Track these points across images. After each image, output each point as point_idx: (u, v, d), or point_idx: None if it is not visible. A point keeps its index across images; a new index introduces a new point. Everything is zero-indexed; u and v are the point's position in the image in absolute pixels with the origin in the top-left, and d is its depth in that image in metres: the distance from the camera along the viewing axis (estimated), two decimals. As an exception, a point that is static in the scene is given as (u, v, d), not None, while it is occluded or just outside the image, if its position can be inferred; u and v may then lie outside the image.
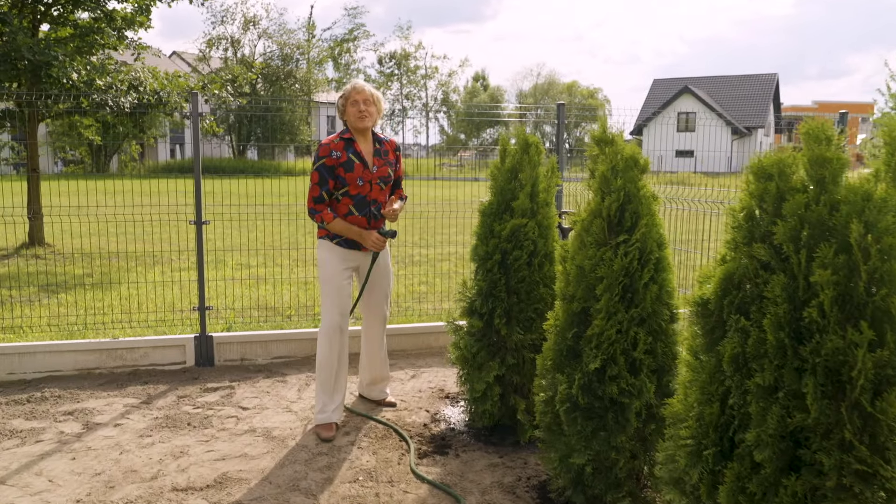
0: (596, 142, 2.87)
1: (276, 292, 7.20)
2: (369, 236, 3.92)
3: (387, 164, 4.03)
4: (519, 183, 3.88)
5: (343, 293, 4.00)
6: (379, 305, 4.23)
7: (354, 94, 3.92)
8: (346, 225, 3.90)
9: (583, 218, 2.86)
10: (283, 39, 44.55)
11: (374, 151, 4.01)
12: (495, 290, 3.83)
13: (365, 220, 3.96)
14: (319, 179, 3.87)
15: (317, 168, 3.87)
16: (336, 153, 3.88)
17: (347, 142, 3.93)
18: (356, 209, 3.93)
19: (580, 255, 2.83)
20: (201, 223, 4.97)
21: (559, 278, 3.02)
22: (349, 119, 3.94)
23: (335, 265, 3.99)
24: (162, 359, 5.02)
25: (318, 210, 3.88)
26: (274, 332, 5.26)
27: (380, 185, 3.98)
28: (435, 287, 7.64)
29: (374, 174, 3.95)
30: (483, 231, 3.92)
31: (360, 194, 3.92)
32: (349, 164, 3.87)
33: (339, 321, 3.97)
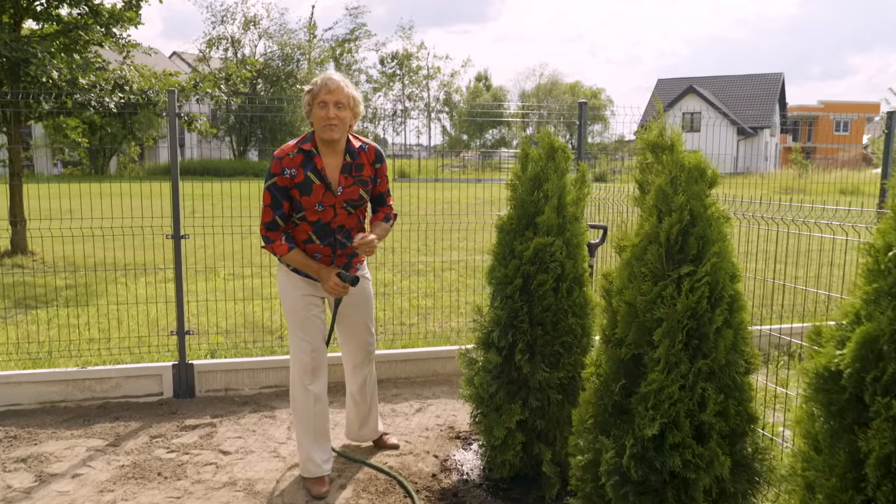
0: (650, 148, 2.30)
1: (269, 307, 6.64)
2: (328, 279, 3.22)
3: (358, 184, 3.26)
4: (543, 194, 3.32)
5: (311, 326, 3.32)
6: (358, 336, 3.56)
7: (324, 92, 3.09)
8: (303, 259, 3.22)
9: (633, 242, 2.29)
10: (284, 39, 43.99)
11: (344, 166, 3.23)
12: (516, 320, 3.26)
13: (329, 249, 3.28)
14: (271, 202, 3.14)
15: (267, 187, 3.13)
16: (290, 171, 3.12)
17: (307, 156, 3.16)
18: (317, 237, 3.24)
19: (631, 290, 2.26)
20: (179, 237, 4.40)
21: (602, 315, 2.46)
22: (315, 125, 3.15)
23: (296, 295, 3.32)
24: (136, 390, 4.46)
25: (271, 239, 3.17)
26: (262, 359, 4.69)
27: (347, 210, 3.25)
28: (440, 301, 7.08)
29: (340, 197, 3.21)
30: (501, 250, 3.36)
31: (321, 221, 3.21)
32: (305, 186, 3.14)
33: (309, 362, 3.32)
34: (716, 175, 2.19)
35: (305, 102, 3.17)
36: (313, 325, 3.32)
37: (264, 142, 39.71)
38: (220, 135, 40.07)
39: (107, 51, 10.65)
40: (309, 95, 3.15)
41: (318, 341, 3.34)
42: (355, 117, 3.22)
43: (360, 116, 3.26)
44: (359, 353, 3.61)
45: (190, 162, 19.70)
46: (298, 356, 3.33)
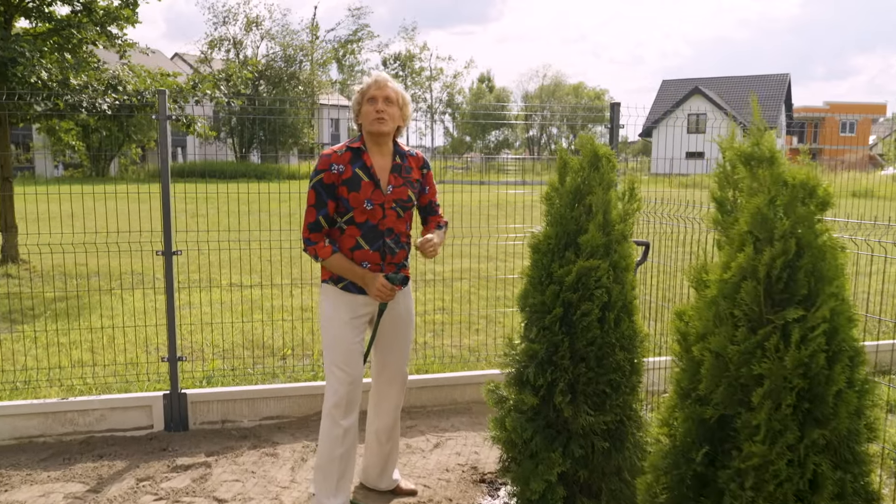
0: (743, 160, 1.86)
1: (271, 322, 6.20)
2: (374, 281, 2.94)
3: (407, 185, 3.06)
4: (586, 209, 2.88)
5: (354, 356, 3.03)
6: (397, 364, 3.23)
7: (374, 88, 2.99)
8: (346, 263, 2.95)
9: (721, 277, 1.85)
10: (287, 41, 43.67)
11: (393, 167, 3.05)
12: (556, 355, 2.82)
13: (378, 255, 2.99)
14: (316, 200, 2.95)
15: (313, 185, 2.95)
16: (338, 167, 2.95)
17: (355, 153, 3.00)
18: (366, 241, 2.98)
19: (719, 336, 1.81)
20: (171, 254, 3.97)
21: (677, 365, 2.01)
22: (364, 121, 3.01)
23: (342, 319, 3.01)
24: (123, 423, 4.02)
25: (313, 241, 2.95)
26: (262, 387, 4.25)
27: (396, 211, 3.02)
28: (454, 315, 6.64)
29: (389, 196, 3.00)
30: (537, 274, 2.91)
31: (370, 222, 2.97)
32: (354, 182, 2.95)
33: (345, 395, 3.00)
34: (829, 195, 1.75)
35: (355, 102, 3.07)
36: (356, 355, 3.05)
37: (267, 144, 39.35)
38: (222, 137, 39.76)
39: (105, 52, 10.25)
40: (358, 95, 3.05)
41: (359, 372, 3.05)
42: (404, 119, 3.09)
43: (409, 120, 3.14)
44: (394, 386, 3.26)
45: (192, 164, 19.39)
46: (335, 387, 3.01)
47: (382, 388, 3.24)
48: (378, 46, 66.14)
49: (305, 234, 2.96)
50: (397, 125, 3.04)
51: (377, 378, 3.25)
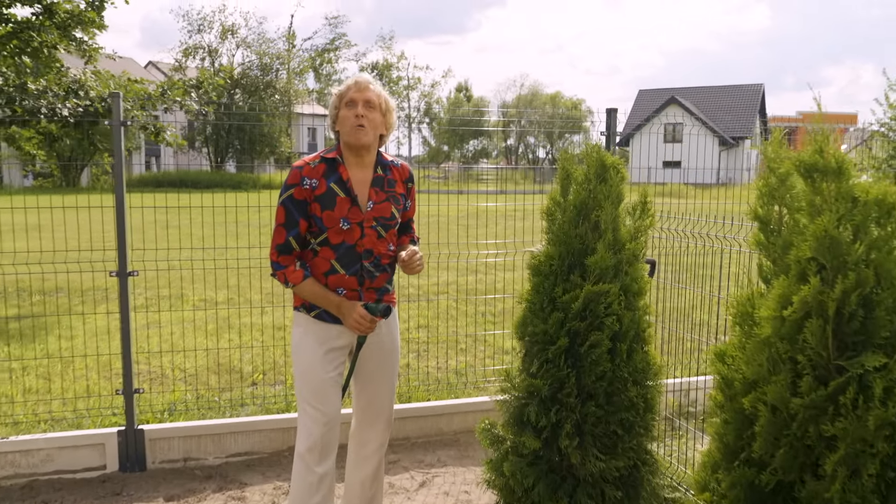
0: (803, 170, 1.54)
1: (241, 343, 5.80)
2: (351, 311, 2.57)
3: (390, 200, 2.69)
4: (593, 226, 2.56)
5: (329, 392, 2.65)
6: (382, 402, 2.83)
7: (353, 91, 2.61)
8: (320, 290, 2.59)
9: (778, 313, 1.52)
10: (263, 49, 43.13)
11: (374, 180, 2.67)
12: (561, 392, 2.48)
13: (355, 280, 2.62)
14: (285, 219, 2.58)
15: (282, 202, 2.58)
16: (310, 181, 2.57)
17: (330, 164, 2.62)
18: (341, 265, 2.61)
19: (777, 386, 1.49)
20: (126, 275, 3.57)
21: (717, 415, 1.68)
22: (341, 128, 2.62)
23: (315, 351, 2.64)
24: (72, 463, 3.60)
25: (282, 264, 2.59)
26: (230, 420, 3.85)
27: (377, 231, 2.64)
28: (437, 333, 6.28)
29: (369, 213, 2.62)
30: (538, 299, 2.58)
31: (346, 243, 2.60)
32: (328, 199, 2.57)
33: (320, 438, 2.63)
34: (911, 213, 1.43)
35: (332, 107, 2.69)
36: (331, 391, 2.66)
37: (242, 153, 38.72)
38: (197, 146, 39.06)
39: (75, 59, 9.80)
40: (336, 97, 2.67)
41: (335, 409, 2.67)
42: (388, 128, 2.71)
43: (393, 129, 2.75)
44: (378, 425, 2.85)
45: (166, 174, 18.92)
46: (308, 428, 2.64)
47: (364, 428, 2.87)
48: (355, 55, 65.59)
49: (273, 257, 2.59)
50: (380, 133, 2.67)
51: (359, 417, 2.87)
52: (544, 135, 66.50)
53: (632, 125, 47.17)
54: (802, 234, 1.52)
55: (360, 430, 2.87)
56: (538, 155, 69.06)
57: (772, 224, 1.71)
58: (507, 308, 7.11)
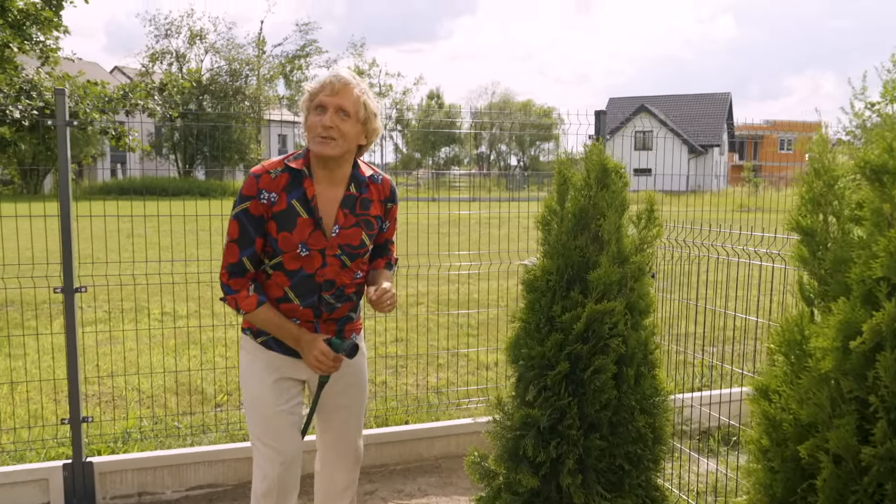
0: (870, 173, 1.29)
1: (205, 359, 5.44)
2: (311, 347, 2.22)
3: (360, 225, 2.29)
4: (594, 237, 2.30)
5: (283, 427, 2.32)
6: (347, 442, 2.52)
7: (325, 93, 2.15)
8: (275, 319, 2.23)
9: (835, 343, 1.27)
10: (232, 55, 42.51)
11: (344, 199, 2.27)
12: (562, 423, 2.21)
13: (311, 312, 2.28)
14: (239, 234, 2.18)
15: (235, 215, 2.19)
16: (268, 195, 2.17)
17: (295, 176, 2.21)
18: (296, 295, 2.26)
19: (842, 432, 1.23)
20: (72, 292, 3.22)
21: (759, 461, 1.43)
22: (308, 136, 2.20)
23: (263, 381, 2.31)
24: (11, 501, 3.23)
25: (233, 288, 2.21)
26: (190, 450, 3.52)
27: (341, 260, 2.27)
28: (413, 346, 5.99)
29: (333, 240, 2.24)
30: (534, 318, 2.31)
31: (304, 271, 2.23)
32: (287, 218, 2.18)
33: (276, 480, 2.30)
34: None
35: (302, 107, 2.23)
36: (285, 426, 2.32)
37: (211, 160, 38.03)
38: (164, 152, 38.26)
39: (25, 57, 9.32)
40: (307, 96, 2.21)
41: (293, 449, 2.33)
42: (369, 136, 2.26)
43: (377, 136, 2.29)
44: (343, 464, 2.54)
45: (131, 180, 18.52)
46: (263, 470, 2.32)
47: (331, 467, 2.55)
48: (326, 62, 65.19)
49: (224, 279, 2.21)
50: (357, 145, 2.25)
51: (324, 454, 2.56)
52: (516, 142, 66.71)
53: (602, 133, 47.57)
54: (865, 248, 1.27)
55: (326, 468, 2.57)
56: (510, 162, 69.25)
57: (818, 236, 1.47)
58: (485, 320, 6.85)
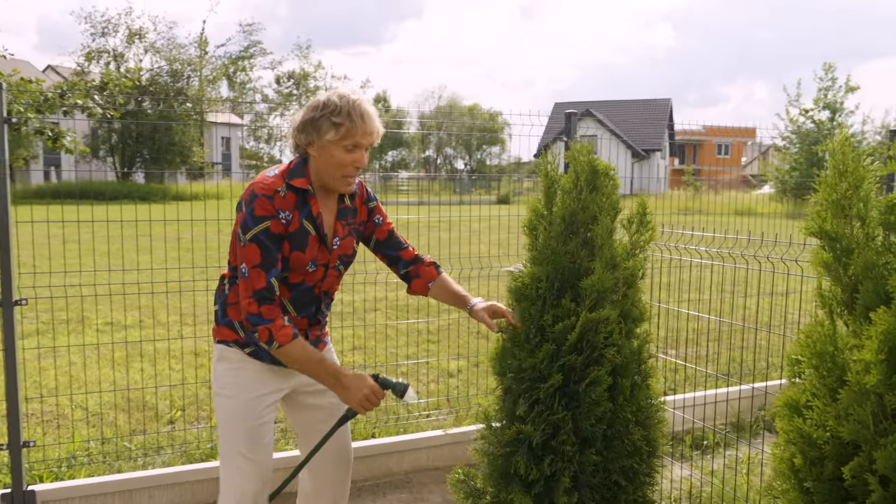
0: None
1: (155, 372, 5.14)
2: (361, 385, 2.08)
3: (353, 233, 2.27)
4: (585, 242, 2.20)
5: (262, 441, 2.21)
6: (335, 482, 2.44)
7: (360, 134, 2.04)
8: (313, 354, 2.07)
9: (879, 356, 1.18)
10: (173, 55, 41.28)
11: (340, 211, 2.23)
12: (556, 439, 2.10)
13: (306, 322, 2.24)
14: (262, 258, 2.02)
15: (254, 238, 2.01)
16: (285, 214, 2.06)
17: (301, 197, 2.11)
18: (294, 306, 2.20)
19: (890, 451, 1.15)
20: (12, 304, 2.95)
21: (787, 482, 1.33)
22: (326, 167, 2.09)
23: (252, 390, 2.19)
24: (-58, 537, 2.94)
25: (266, 317, 2.01)
26: (143, 473, 3.26)
27: (339, 269, 2.26)
28: (373, 354, 5.81)
29: (335, 252, 2.20)
30: (524, 328, 2.19)
31: (306, 283, 2.18)
32: (300, 238, 2.10)
33: (254, 497, 2.21)
34: None
35: (317, 126, 2.03)
36: (270, 442, 2.23)
37: (152, 163, 36.79)
38: (101, 155, 36.87)
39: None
40: (328, 119, 2.02)
41: (265, 474, 2.23)
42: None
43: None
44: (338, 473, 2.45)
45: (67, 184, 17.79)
46: (240, 488, 2.20)
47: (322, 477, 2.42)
48: (271, 63, 64.09)
49: (253, 308, 2.00)
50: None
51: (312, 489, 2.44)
52: (463, 146, 66.98)
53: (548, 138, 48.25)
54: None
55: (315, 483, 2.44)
56: (457, 166, 69.50)
57: (843, 241, 1.39)
58: (444, 326, 6.73)
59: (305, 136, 2.07)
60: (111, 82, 8.74)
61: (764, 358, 5.65)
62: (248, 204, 2.03)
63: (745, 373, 5.12)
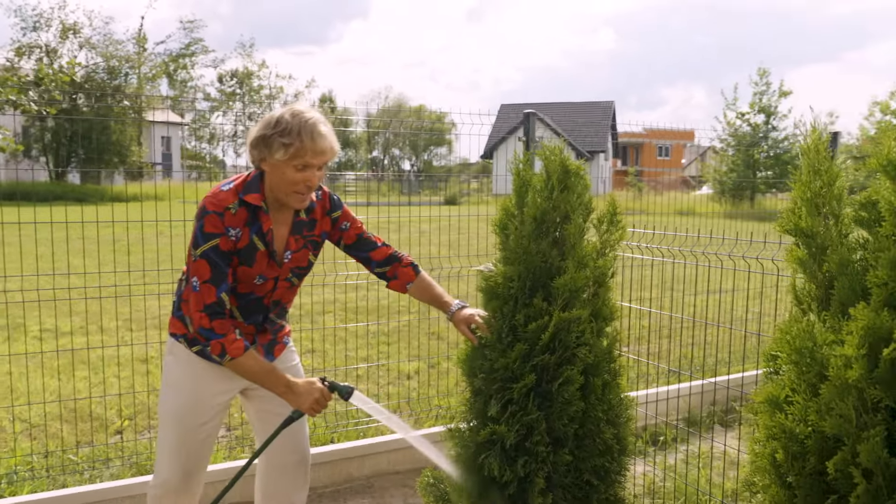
0: (893, 171, 1.24)
1: (100, 379, 4.94)
2: (311, 391, 2.11)
3: (308, 246, 2.30)
4: (555, 241, 2.19)
5: (192, 447, 2.25)
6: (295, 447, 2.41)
7: (311, 154, 2.04)
8: (263, 365, 2.11)
9: (864, 351, 1.20)
10: (110, 51, 39.90)
11: (295, 225, 2.25)
12: (530, 439, 2.09)
13: (253, 328, 2.29)
14: (212, 274, 2.05)
15: (204, 255, 2.05)
16: (234, 231, 2.09)
17: (253, 213, 2.13)
18: (242, 314, 2.24)
19: (872, 444, 1.17)
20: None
21: (769, 479, 1.35)
22: (279, 184, 2.10)
23: (191, 395, 2.23)
24: None
25: (218, 332, 2.04)
26: (90, 488, 3.11)
27: (290, 281, 2.31)
28: (328, 358, 5.72)
29: (286, 265, 2.24)
30: (496, 327, 2.18)
31: (255, 294, 2.23)
32: (249, 253, 2.14)
33: (177, 482, 2.27)
34: None
35: (271, 146, 2.05)
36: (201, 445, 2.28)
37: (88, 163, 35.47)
38: (34, 154, 35.33)
39: None
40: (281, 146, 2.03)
41: (196, 467, 2.27)
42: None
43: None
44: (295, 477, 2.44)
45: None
46: (163, 476, 2.29)
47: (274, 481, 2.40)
48: (213, 62, 62.67)
49: (204, 323, 2.03)
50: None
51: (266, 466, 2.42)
52: (409, 146, 66.94)
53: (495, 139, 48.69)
54: (886, 249, 1.22)
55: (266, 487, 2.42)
56: (403, 167, 69.41)
57: (818, 238, 1.42)
58: (399, 328, 6.69)
59: (258, 152, 2.10)
60: (47, 78, 8.36)
61: (712, 354, 5.80)
62: (198, 219, 2.07)
63: (695, 368, 5.24)
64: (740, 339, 5.73)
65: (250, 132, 2.13)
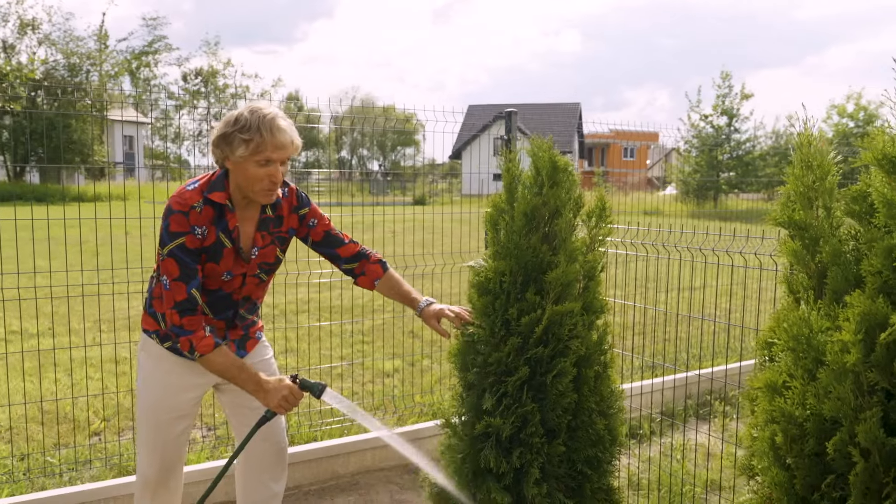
0: (887, 164, 1.30)
1: (72, 381, 4.84)
2: (280, 389, 2.13)
3: (275, 242, 2.32)
4: (546, 236, 2.23)
5: (168, 442, 2.34)
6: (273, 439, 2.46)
7: (271, 148, 2.07)
8: (234, 361, 2.15)
9: (862, 336, 1.26)
10: (70, 48, 39.00)
11: (262, 222, 2.28)
12: (525, 430, 2.12)
13: (223, 323, 2.33)
14: (181, 271, 2.09)
15: (171, 254, 2.09)
16: (201, 230, 2.13)
17: (219, 212, 2.17)
18: (211, 310, 2.28)
19: (869, 425, 1.22)
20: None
21: (766, 460, 1.40)
22: (246, 183, 2.13)
23: (163, 390, 2.28)
24: None
25: (188, 328, 2.09)
26: (69, 490, 3.06)
27: (259, 278, 2.33)
28: (307, 356, 5.69)
29: (253, 262, 2.27)
30: (488, 322, 2.21)
31: (223, 290, 2.27)
32: (216, 251, 2.18)
33: (154, 477, 2.33)
34: None
35: (232, 143, 2.08)
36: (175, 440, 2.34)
37: (48, 162, 34.63)
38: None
39: None
40: (242, 142, 2.06)
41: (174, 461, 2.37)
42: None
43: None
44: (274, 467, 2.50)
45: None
46: (142, 472, 2.37)
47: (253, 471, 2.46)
48: (177, 60, 61.64)
49: (175, 320, 2.08)
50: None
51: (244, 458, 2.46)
52: (377, 147, 66.73)
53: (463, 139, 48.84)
54: (880, 239, 1.28)
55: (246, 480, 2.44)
56: (371, 167, 69.19)
57: (811, 230, 1.47)
58: (376, 326, 6.68)
59: (220, 150, 2.13)
60: (11, 74, 8.16)
61: (685, 349, 5.91)
62: (164, 219, 2.10)
63: (671, 364, 5.34)
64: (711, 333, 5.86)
65: (213, 131, 2.16)
